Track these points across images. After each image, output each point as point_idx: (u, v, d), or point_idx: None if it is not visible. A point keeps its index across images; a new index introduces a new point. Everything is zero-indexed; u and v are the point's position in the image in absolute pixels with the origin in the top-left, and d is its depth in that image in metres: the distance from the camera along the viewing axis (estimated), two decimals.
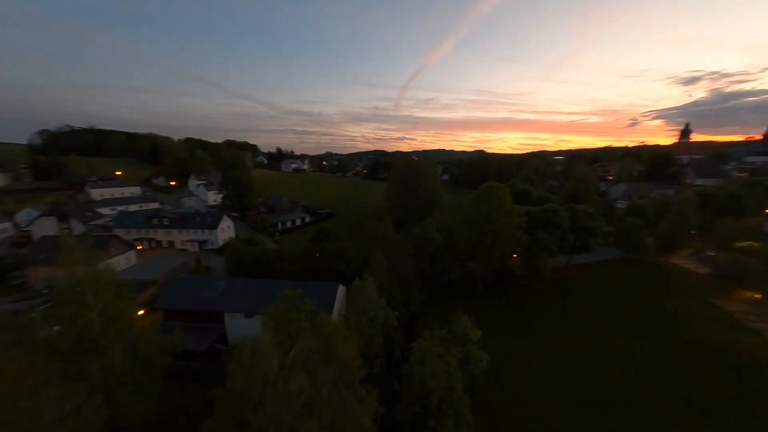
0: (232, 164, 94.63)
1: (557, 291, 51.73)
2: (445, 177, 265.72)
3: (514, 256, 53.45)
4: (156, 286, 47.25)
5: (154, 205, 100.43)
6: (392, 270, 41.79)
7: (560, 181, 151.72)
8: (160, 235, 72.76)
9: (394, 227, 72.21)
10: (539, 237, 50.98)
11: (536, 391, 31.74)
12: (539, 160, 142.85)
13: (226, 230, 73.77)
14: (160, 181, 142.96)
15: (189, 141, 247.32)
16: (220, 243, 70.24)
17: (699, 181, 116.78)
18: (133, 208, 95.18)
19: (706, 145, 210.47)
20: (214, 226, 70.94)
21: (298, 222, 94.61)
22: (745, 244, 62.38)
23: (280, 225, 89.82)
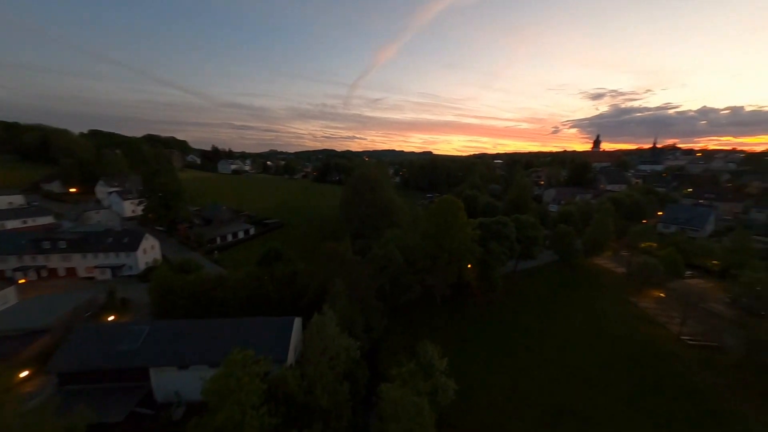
0: (156, 171, 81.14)
1: (508, 299, 55.22)
2: (397, 179, 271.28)
3: (469, 266, 55.49)
4: (49, 335, 37.37)
5: (46, 221, 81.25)
6: (352, 294, 39.65)
7: (502, 185, 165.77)
8: (55, 261, 58.62)
9: (350, 239, 70.12)
10: (492, 249, 53.84)
11: (501, 410, 32.78)
12: (483, 166, 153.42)
13: (149, 251, 62.80)
14: (54, 188, 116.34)
15: (96, 135, 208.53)
16: (142, 267, 59.49)
17: (609, 187, 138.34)
18: (13, 224, 75.69)
19: (611, 154, 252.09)
20: (132, 247, 59.70)
21: (241, 235, 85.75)
22: (646, 244, 75.26)
23: (219, 240, 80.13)
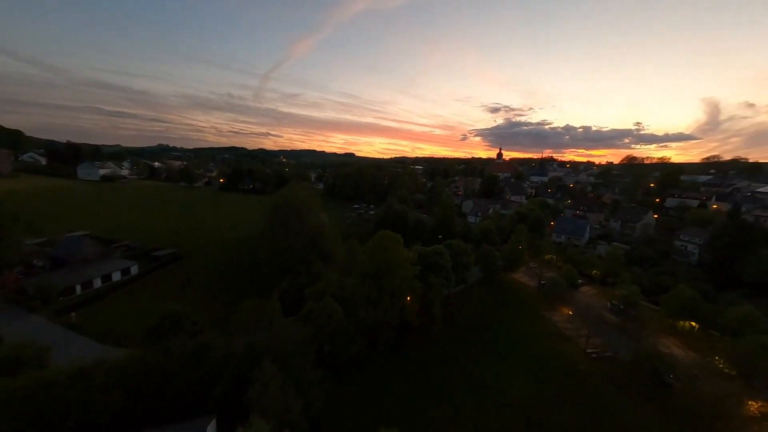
0: None
1: (447, 330, 56.19)
2: (320, 186, 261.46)
3: (408, 299, 54.62)
4: None
5: None
6: (285, 369, 33.19)
7: (426, 194, 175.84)
8: None
9: (277, 276, 61.30)
10: (432, 283, 54.16)
11: None
12: (408, 177, 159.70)
13: None
14: None
15: None
16: None
17: (513, 197, 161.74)
18: None
19: (510, 164, 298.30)
20: None
21: (117, 277, 66.19)
22: (548, 257, 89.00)
23: (79, 289, 59.74)
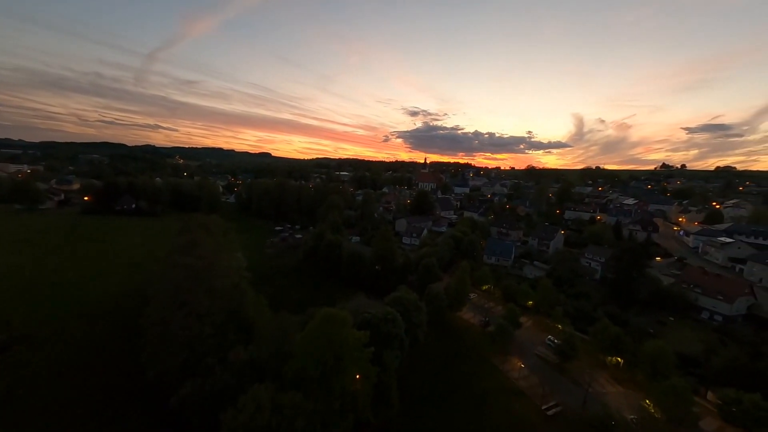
0: None
1: (402, 410, 50.28)
2: (230, 198, 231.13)
3: (357, 377, 46.72)
4: None
5: None
6: None
7: (355, 210, 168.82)
8: None
9: (175, 376, 45.46)
10: (386, 361, 47.41)
11: None
12: (339, 198, 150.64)
13: None
14: None
15: None
16: None
17: (443, 213, 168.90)
18: None
19: (434, 173, 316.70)
20: None
21: None
22: (486, 287, 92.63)
23: None
